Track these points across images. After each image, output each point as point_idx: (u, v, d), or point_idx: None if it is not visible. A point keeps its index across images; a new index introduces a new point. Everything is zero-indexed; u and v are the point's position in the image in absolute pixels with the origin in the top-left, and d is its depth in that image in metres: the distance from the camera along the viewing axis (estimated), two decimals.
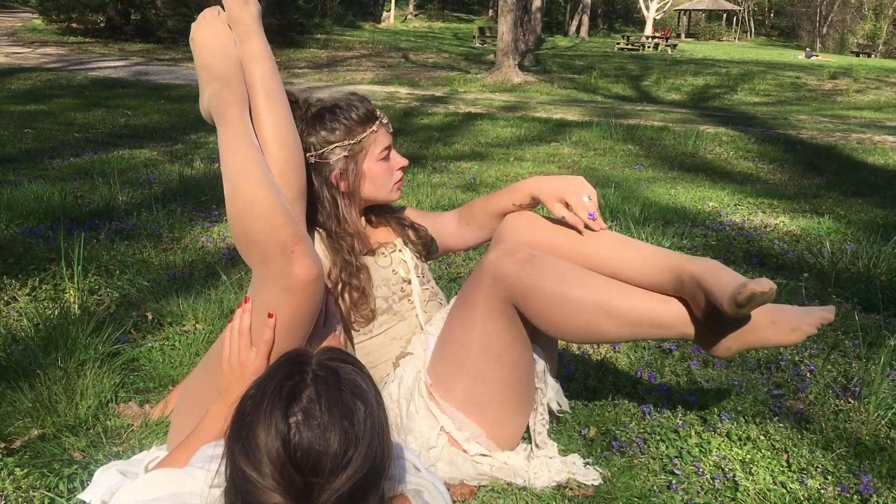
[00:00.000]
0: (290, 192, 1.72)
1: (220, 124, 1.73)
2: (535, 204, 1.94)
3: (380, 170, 1.93)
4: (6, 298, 2.69)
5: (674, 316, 1.73)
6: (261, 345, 1.60)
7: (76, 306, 2.62)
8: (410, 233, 2.07)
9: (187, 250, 3.39)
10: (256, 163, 1.67)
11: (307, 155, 1.87)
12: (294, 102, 1.92)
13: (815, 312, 1.74)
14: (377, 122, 1.91)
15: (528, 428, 1.94)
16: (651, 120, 9.82)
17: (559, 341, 2.03)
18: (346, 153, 1.89)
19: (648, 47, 28.91)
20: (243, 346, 1.61)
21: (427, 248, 2.09)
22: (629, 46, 29.36)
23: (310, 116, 1.93)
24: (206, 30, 1.79)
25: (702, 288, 1.65)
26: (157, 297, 2.79)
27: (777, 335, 1.72)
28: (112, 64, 13.66)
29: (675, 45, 29.39)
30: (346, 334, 1.86)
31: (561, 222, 1.88)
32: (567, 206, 1.87)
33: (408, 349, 1.97)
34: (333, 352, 1.18)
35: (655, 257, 1.76)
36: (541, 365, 1.90)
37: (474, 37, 28.35)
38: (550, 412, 2.00)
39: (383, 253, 2.01)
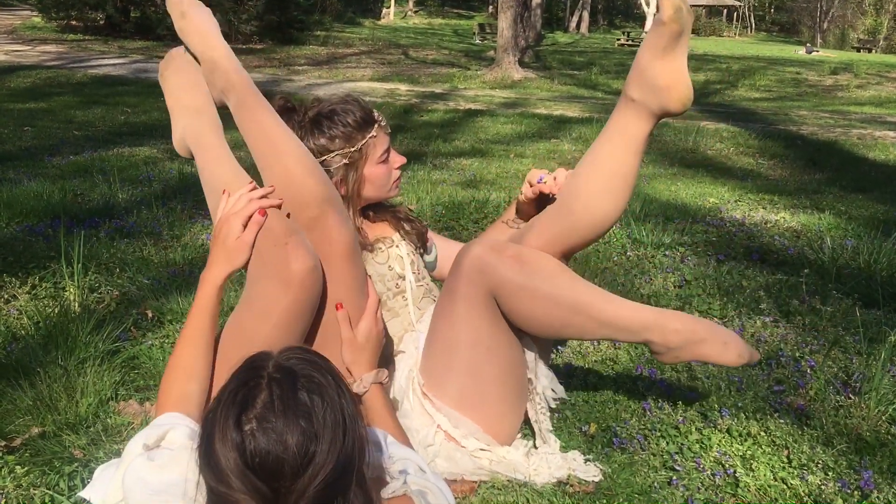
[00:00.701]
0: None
1: (198, 151, 1.76)
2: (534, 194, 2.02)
3: (380, 172, 1.94)
4: (6, 296, 2.69)
5: (643, 323, 1.76)
6: (251, 224, 1.60)
7: (76, 304, 2.62)
8: (406, 225, 2.08)
9: (187, 248, 3.39)
10: (240, 176, 1.70)
11: None
12: (291, 109, 1.92)
13: (752, 351, 1.81)
14: (376, 126, 1.91)
15: (527, 421, 1.95)
16: None
17: None
18: (346, 161, 1.89)
19: None
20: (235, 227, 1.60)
21: (422, 240, 2.11)
22: (630, 42, 29.31)
23: (307, 122, 1.92)
24: (173, 66, 1.84)
25: (639, 67, 1.73)
26: (157, 295, 2.79)
27: (727, 355, 1.77)
28: (112, 61, 13.65)
29: None
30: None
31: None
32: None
33: (399, 347, 1.97)
34: (293, 350, 1.17)
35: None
36: (531, 354, 1.90)
37: (474, 33, 28.33)
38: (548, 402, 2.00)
39: (380, 248, 2.01)
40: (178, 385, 1.60)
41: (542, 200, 2.00)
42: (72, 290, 2.67)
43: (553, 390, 1.98)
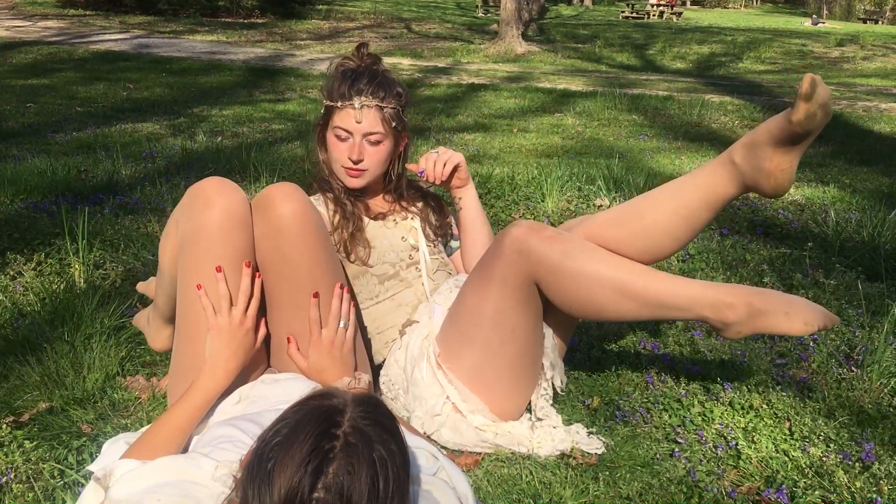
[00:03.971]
0: None
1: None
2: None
3: (332, 143, 2.03)
4: (12, 273, 2.71)
5: (693, 298, 1.71)
6: (240, 297, 1.67)
7: (81, 280, 2.63)
8: (427, 204, 2.18)
9: None
10: None
11: None
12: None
13: (825, 314, 1.72)
14: (346, 105, 1.97)
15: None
16: (656, 89, 9.75)
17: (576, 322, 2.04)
18: (322, 109, 2.05)
19: (653, 15, 28.60)
20: (225, 309, 1.66)
21: (442, 223, 2.19)
22: (634, 15, 29.06)
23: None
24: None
25: (754, 141, 1.69)
26: None
27: (789, 325, 1.70)
28: (113, 37, 13.58)
29: (680, 14, 29.07)
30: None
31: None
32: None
33: (414, 317, 2.00)
34: (368, 406, 1.13)
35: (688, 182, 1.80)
36: (550, 342, 1.91)
37: (477, 6, 28.07)
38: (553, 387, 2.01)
39: (393, 220, 2.09)
40: (172, 443, 1.57)
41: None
42: (77, 266, 2.68)
43: (561, 381, 1.98)
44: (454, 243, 2.25)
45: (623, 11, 30.00)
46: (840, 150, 6.08)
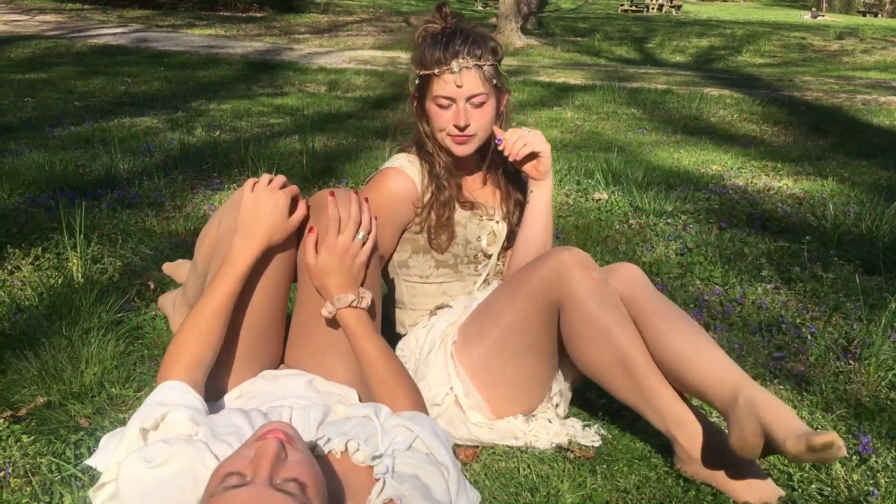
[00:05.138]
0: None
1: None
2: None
3: (433, 112, 1.91)
4: (10, 268, 2.71)
5: (679, 417, 1.73)
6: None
7: (79, 275, 2.63)
8: (514, 201, 2.06)
9: (189, 218, 3.39)
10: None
11: None
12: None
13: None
14: (445, 71, 1.85)
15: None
16: (655, 83, 9.74)
17: None
18: (416, 80, 1.93)
19: (653, 8, 28.52)
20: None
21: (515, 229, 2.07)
22: (633, 8, 28.97)
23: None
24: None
25: (759, 419, 1.55)
26: (159, 266, 2.79)
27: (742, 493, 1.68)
28: (111, 31, 13.54)
29: (679, 6, 28.99)
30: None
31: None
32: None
33: (450, 302, 2.00)
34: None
35: (721, 365, 1.68)
36: (566, 378, 1.93)
37: (476, 0, 28.01)
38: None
39: (480, 216, 2.01)
40: (193, 349, 1.58)
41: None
42: (75, 260, 2.68)
43: (563, 410, 1.97)
44: None
45: (622, 5, 29.92)
46: (839, 144, 6.08)
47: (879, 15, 37.18)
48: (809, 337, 2.46)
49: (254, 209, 1.65)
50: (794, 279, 2.93)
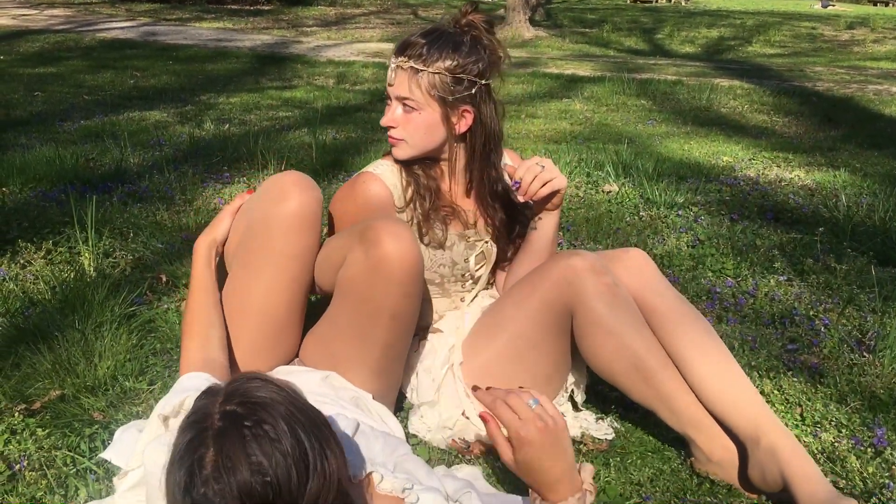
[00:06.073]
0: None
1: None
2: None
3: None
4: (22, 262, 2.71)
5: (696, 420, 1.71)
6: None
7: (91, 269, 2.64)
8: (507, 233, 1.96)
9: (200, 212, 3.39)
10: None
11: None
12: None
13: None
14: (391, 63, 1.81)
15: None
16: (664, 74, 9.68)
17: None
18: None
19: None
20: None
21: (504, 251, 2.01)
22: None
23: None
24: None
25: (782, 472, 1.56)
26: (170, 260, 2.80)
27: (761, 484, 1.65)
28: (120, 25, 13.55)
29: None
30: None
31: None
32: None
33: (440, 326, 1.94)
34: (238, 390, 1.07)
35: (745, 397, 1.67)
36: (572, 379, 1.92)
37: None
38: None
39: (468, 236, 1.93)
40: (199, 331, 1.66)
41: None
42: (86, 254, 2.68)
43: (580, 397, 1.97)
44: None
45: None
46: (850, 134, 6.03)
47: (891, 4, 36.89)
48: (823, 329, 2.44)
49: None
50: (807, 271, 2.91)
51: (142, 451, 1.37)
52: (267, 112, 6.21)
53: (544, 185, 1.77)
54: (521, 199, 1.80)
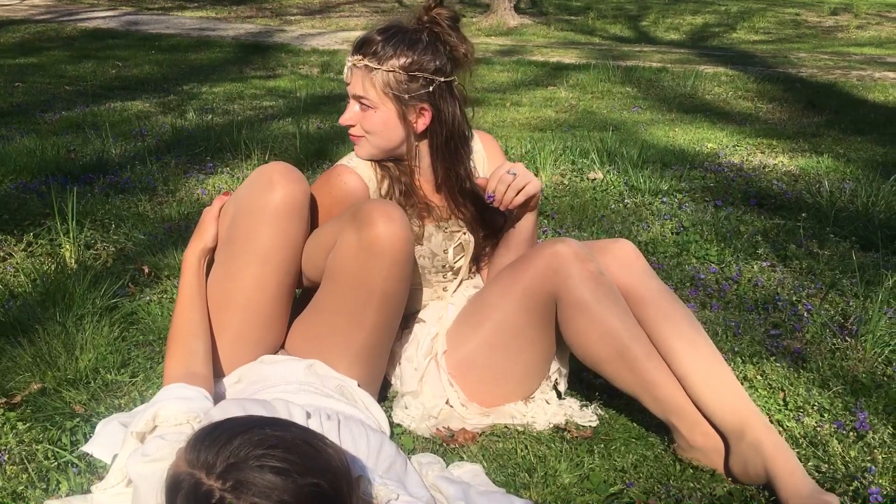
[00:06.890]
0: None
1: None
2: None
3: None
4: (2, 254, 2.69)
5: (679, 407, 1.71)
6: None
7: (73, 261, 2.62)
8: (481, 227, 1.95)
9: (182, 203, 3.37)
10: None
11: None
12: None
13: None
14: (347, 61, 1.83)
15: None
16: (649, 61, 9.68)
17: None
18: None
19: None
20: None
21: (481, 243, 2.00)
22: None
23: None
24: None
25: (766, 466, 1.58)
26: (153, 251, 2.78)
27: (743, 476, 1.66)
28: (101, 14, 13.42)
29: None
30: None
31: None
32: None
33: (422, 316, 1.94)
34: (214, 448, 1.07)
35: (730, 392, 1.68)
36: (555, 366, 1.91)
37: None
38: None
39: (445, 228, 1.92)
40: (183, 344, 1.66)
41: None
42: (68, 246, 2.66)
43: (563, 385, 1.97)
44: None
45: None
46: (834, 120, 6.06)
47: None
48: (806, 314, 2.46)
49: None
50: (790, 256, 2.93)
51: (121, 468, 1.39)
52: (250, 102, 6.17)
53: (518, 192, 1.76)
54: (500, 208, 1.79)
